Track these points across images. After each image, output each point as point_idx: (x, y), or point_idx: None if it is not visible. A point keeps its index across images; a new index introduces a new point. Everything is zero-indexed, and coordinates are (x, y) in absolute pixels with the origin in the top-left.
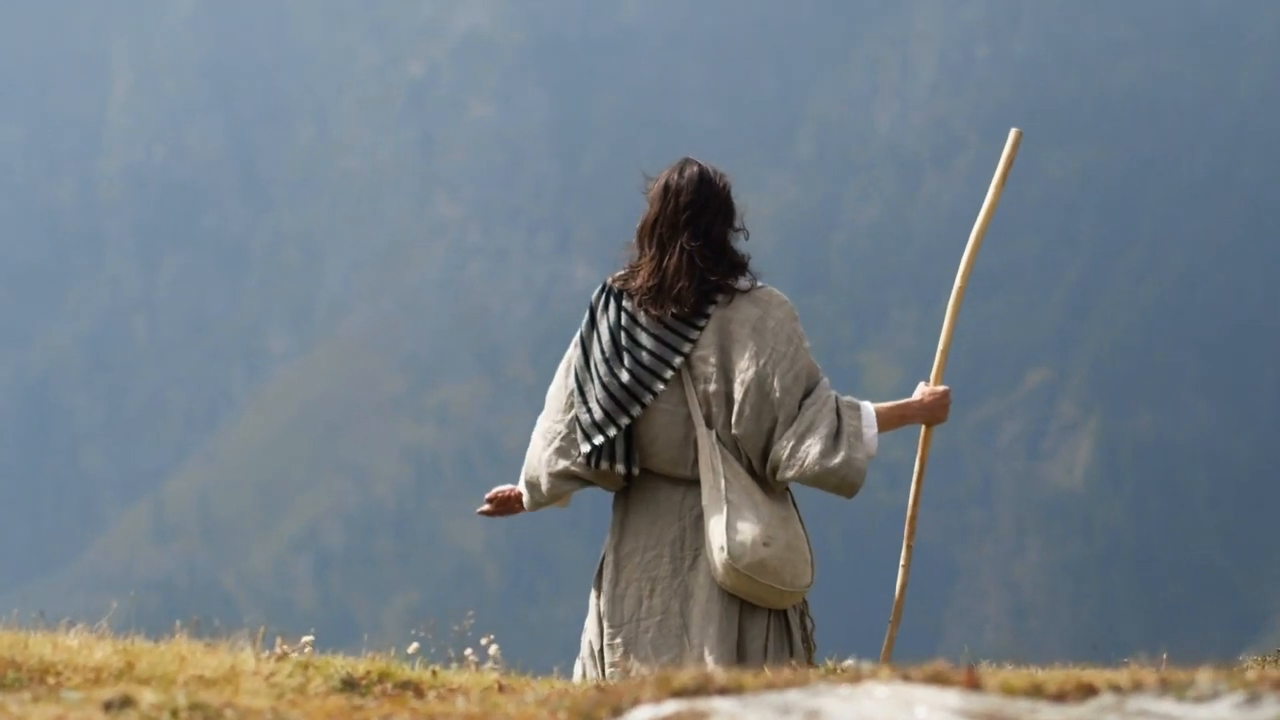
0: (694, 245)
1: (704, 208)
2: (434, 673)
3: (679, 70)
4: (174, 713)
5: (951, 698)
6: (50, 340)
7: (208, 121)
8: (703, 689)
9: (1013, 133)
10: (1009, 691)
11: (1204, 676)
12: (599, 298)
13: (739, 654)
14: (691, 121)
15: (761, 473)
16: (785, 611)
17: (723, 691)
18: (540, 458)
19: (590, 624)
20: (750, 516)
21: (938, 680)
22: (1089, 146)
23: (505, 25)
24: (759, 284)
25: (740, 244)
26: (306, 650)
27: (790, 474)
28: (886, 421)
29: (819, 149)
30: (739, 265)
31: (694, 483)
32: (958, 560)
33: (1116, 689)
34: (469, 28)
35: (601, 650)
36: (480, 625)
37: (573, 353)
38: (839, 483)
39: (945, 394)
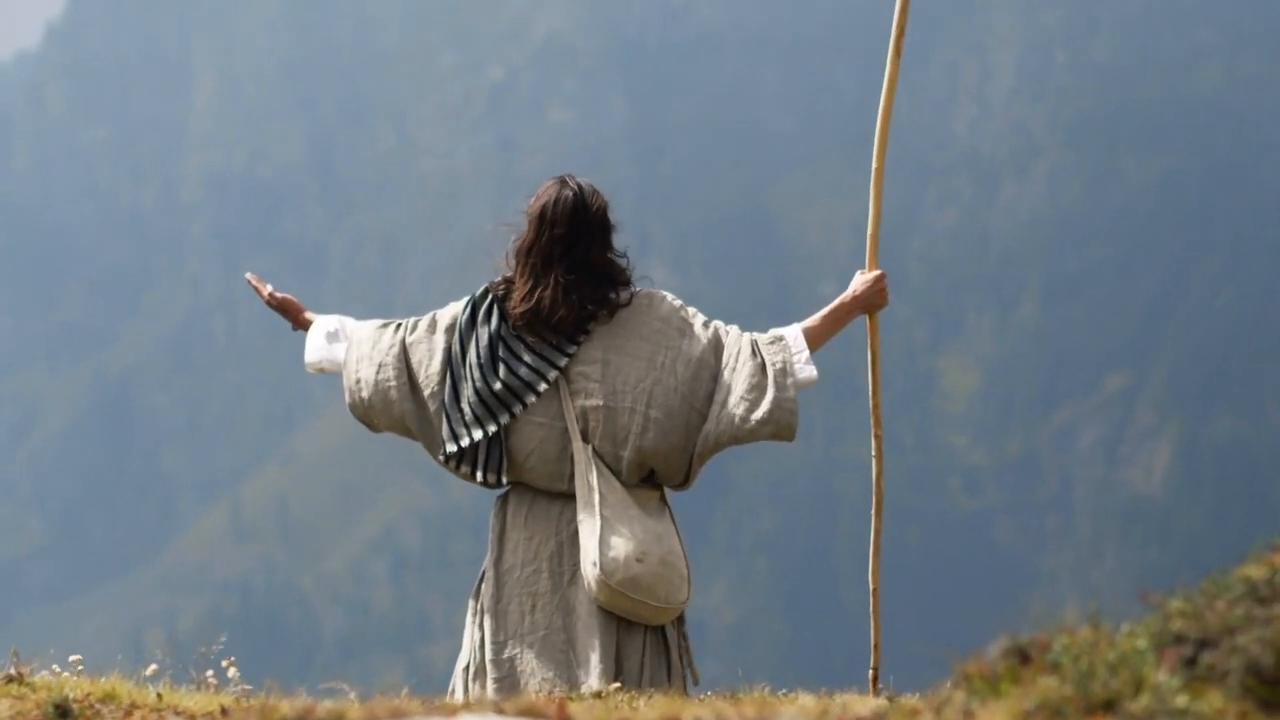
0: (570, 278)
1: (579, 238)
2: (159, 695)
3: (757, 74)
4: None
5: None
6: (131, 341)
7: (289, 125)
8: (303, 718)
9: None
10: None
11: (789, 709)
12: (484, 299)
13: (617, 672)
14: (769, 125)
15: (678, 473)
16: (663, 629)
17: None
18: (399, 405)
19: (466, 643)
20: (624, 532)
21: (530, 713)
22: (1168, 152)
23: (585, 30)
24: (636, 289)
25: (621, 251)
26: (79, 670)
27: (725, 441)
28: (823, 331)
29: (897, 153)
30: (619, 280)
31: (571, 497)
32: (1036, 565)
33: None
34: (549, 32)
35: (481, 667)
36: None
37: (450, 339)
38: (775, 430)
39: (879, 278)
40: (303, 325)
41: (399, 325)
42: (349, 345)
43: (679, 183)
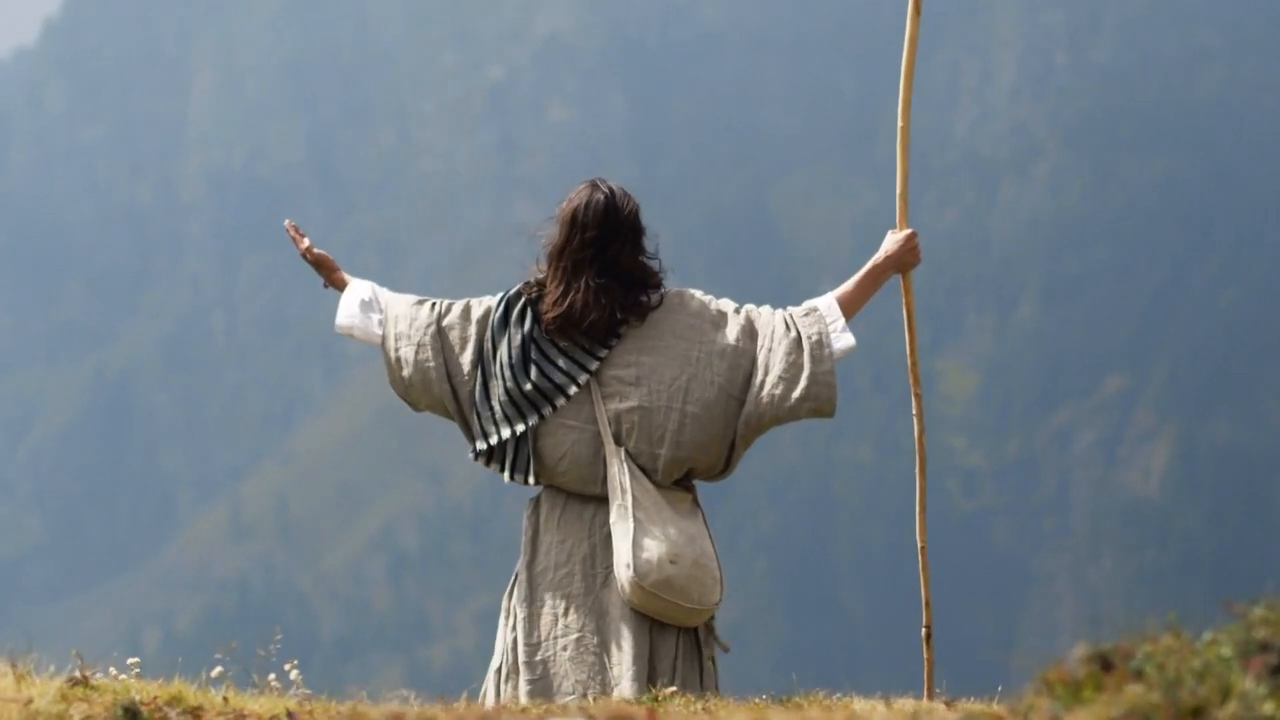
0: (600, 282)
1: (610, 240)
2: (225, 699)
3: (758, 74)
4: None
5: None
6: (130, 340)
7: (288, 123)
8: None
9: None
10: None
11: (878, 711)
12: (517, 300)
13: (650, 673)
14: (770, 125)
15: (718, 463)
16: (695, 630)
17: None
18: (438, 385)
19: (499, 645)
20: (657, 534)
21: (619, 717)
22: (1169, 153)
23: (585, 29)
24: (664, 290)
25: (652, 253)
26: (135, 674)
27: (766, 423)
28: (858, 296)
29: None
30: (650, 284)
31: (605, 500)
32: (1033, 567)
33: None
34: (549, 31)
35: (514, 669)
36: None
37: (482, 332)
38: (816, 405)
39: (910, 237)
40: (336, 285)
41: (434, 304)
42: (385, 320)
43: (679, 183)
